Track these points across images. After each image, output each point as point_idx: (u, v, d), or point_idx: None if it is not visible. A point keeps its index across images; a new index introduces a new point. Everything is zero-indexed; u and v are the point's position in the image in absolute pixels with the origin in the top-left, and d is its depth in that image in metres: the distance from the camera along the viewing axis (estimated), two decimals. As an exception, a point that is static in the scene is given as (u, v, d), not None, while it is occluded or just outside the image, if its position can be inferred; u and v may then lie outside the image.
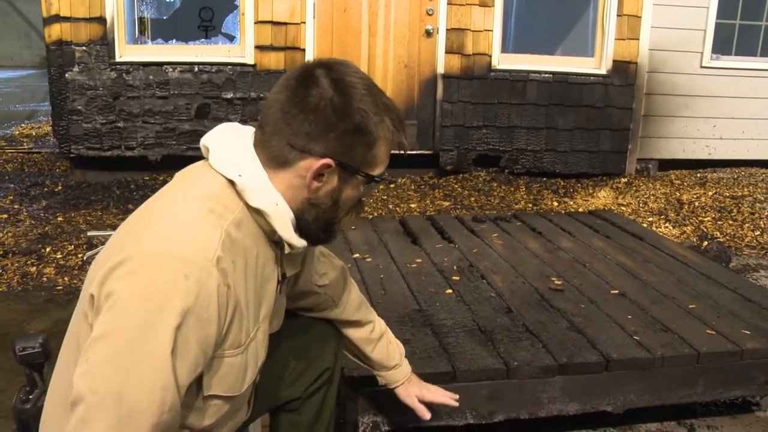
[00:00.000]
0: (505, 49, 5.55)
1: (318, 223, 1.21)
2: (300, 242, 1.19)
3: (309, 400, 1.55)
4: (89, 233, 3.87)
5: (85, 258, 3.54)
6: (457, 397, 1.73)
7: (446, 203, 4.87)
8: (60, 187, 4.88)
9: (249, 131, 1.20)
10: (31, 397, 1.23)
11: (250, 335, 1.15)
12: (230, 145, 1.17)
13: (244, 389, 1.18)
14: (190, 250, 1.02)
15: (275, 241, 1.20)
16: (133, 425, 0.94)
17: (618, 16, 5.43)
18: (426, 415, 1.67)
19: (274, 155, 1.14)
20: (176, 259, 1.00)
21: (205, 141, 1.18)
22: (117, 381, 0.94)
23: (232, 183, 1.13)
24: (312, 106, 1.12)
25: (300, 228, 1.20)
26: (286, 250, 1.20)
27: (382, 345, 1.63)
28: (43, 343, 1.28)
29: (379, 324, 1.65)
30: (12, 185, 4.96)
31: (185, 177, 1.18)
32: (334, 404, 1.62)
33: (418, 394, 1.68)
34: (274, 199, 1.14)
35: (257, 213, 1.14)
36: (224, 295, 1.04)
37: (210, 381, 1.09)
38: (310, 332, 1.55)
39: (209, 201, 1.10)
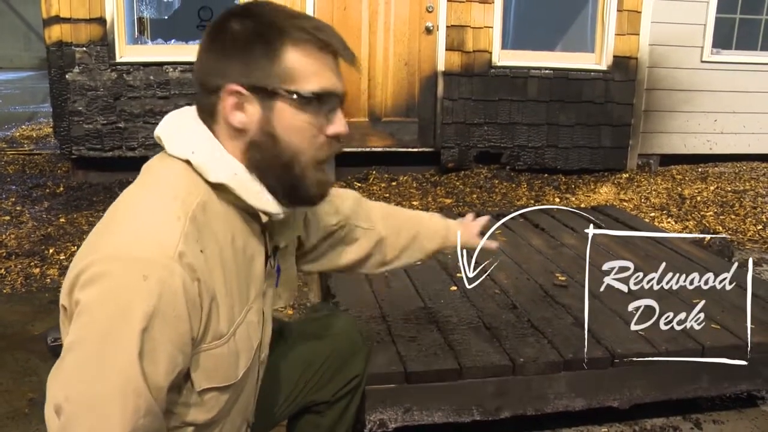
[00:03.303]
0: (505, 45, 5.55)
1: (273, 171, 1.10)
2: (277, 208, 1.13)
3: (335, 405, 1.55)
4: (92, 234, 3.87)
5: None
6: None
7: (448, 200, 4.87)
8: (62, 189, 4.87)
9: (193, 109, 1.16)
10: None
11: (235, 321, 1.10)
12: (178, 126, 1.12)
13: (241, 375, 1.14)
14: (148, 249, 0.98)
15: (254, 214, 1.14)
16: None
17: (618, 11, 5.42)
18: (494, 244, 1.84)
19: (206, 111, 1.10)
20: (134, 261, 0.96)
21: (157, 132, 1.14)
22: (88, 389, 0.94)
23: (189, 164, 1.08)
24: (217, 41, 1.08)
25: (269, 188, 1.12)
26: (263, 219, 1.14)
27: (429, 226, 1.72)
28: None
29: (412, 213, 1.73)
30: (14, 187, 4.96)
31: (146, 171, 1.14)
32: (356, 410, 1.62)
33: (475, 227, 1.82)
34: (232, 168, 1.08)
35: (221, 190, 1.08)
36: (193, 291, 0.99)
37: (200, 376, 1.06)
38: (342, 339, 1.55)
39: (171, 189, 1.06)
